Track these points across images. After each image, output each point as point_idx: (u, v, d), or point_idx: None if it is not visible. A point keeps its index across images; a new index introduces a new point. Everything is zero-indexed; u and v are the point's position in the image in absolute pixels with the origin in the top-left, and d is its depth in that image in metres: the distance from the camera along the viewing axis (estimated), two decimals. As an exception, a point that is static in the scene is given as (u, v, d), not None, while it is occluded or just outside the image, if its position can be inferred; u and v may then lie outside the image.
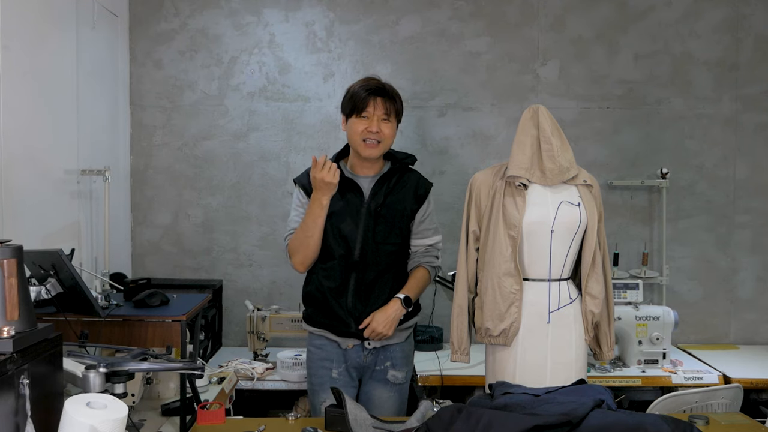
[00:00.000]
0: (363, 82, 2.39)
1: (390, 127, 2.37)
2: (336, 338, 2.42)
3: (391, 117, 2.37)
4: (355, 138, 2.36)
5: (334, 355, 2.43)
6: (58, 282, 2.14)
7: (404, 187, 2.44)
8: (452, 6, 3.64)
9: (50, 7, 2.78)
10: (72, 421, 1.36)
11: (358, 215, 2.38)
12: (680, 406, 2.50)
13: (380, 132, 2.34)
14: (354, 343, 2.41)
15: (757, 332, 3.73)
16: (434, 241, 2.50)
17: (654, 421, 1.58)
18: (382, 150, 2.38)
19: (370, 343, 2.40)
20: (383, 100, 2.35)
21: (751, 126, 3.69)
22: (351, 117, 2.37)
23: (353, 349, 2.42)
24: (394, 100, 2.38)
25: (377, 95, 2.34)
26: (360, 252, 2.37)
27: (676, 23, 3.66)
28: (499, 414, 1.60)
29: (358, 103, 2.34)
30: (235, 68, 3.65)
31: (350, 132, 2.38)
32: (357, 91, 2.36)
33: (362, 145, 2.35)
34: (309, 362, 2.50)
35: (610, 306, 2.50)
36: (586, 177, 2.43)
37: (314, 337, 2.48)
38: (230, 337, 3.66)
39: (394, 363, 2.45)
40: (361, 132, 2.34)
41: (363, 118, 2.34)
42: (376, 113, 2.34)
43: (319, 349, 2.46)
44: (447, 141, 3.67)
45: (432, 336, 3.50)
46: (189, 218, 3.68)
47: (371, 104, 2.33)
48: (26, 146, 2.57)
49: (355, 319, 2.38)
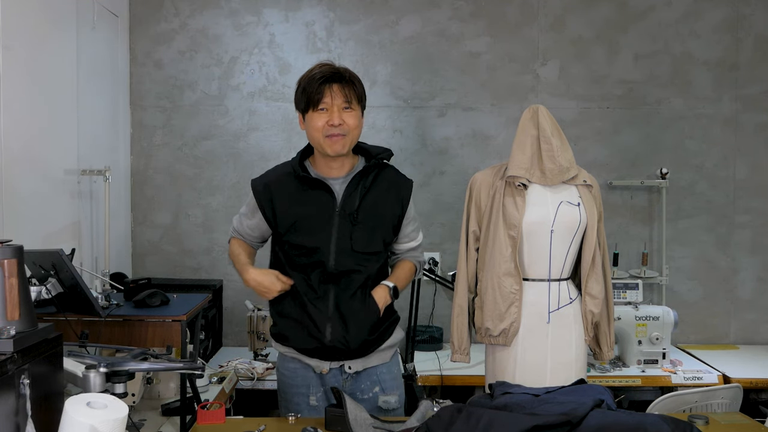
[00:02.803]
0: (315, 68, 2.05)
1: (354, 116, 2.04)
2: (309, 361, 2.10)
3: (353, 104, 2.03)
4: (317, 135, 2.03)
5: (310, 380, 2.11)
6: (58, 282, 2.14)
7: (383, 186, 2.12)
8: (452, 6, 3.64)
9: (50, 7, 2.78)
10: (72, 421, 1.36)
11: (330, 221, 2.05)
12: (680, 406, 2.50)
13: (343, 123, 2.01)
14: (330, 366, 2.09)
15: (757, 332, 3.73)
16: (419, 242, 2.26)
17: (654, 421, 1.58)
18: (349, 143, 2.05)
19: (350, 367, 2.09)
20: (340, 86, 2.02)
21: (751, 126, 3.69)
22: (307, 112, 2.04)
23: (330, 374, 2.09)
24: (353, 84, 2.04)
25: (332, 82, 2.01)
26: (335, 263, 2.04)
27: (676, 23, 3.66)
28: (499, 414, 1.60)
29: (312, 95, 2.01)
30: (235, 68, 3.65)
31: (310, 129, 2.05)
32: (308, 81, 2.02)
33: (326, 141, 2.02)
34: (282, 387, 2.18)
35: (609, 306, 2.50)
36: (585, 177, 2.43)
37: (286, 359, 2.16)
38: (230, 337, 3.66)
39: (384, 387, 2.14)
40: (322, 127, 2.01)
41: (321, 111, 2.02)
42: (335, 103, 2.01)
43: (293, 374, 2.14)
44: (447, 141, 3.67)
45: (432, 336, 3.51)
46: (189, 218, 3.68)
47: (327, 94, 2.00)
48: (26, 146, 2.57)
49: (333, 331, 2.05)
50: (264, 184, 2.15)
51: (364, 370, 2.12)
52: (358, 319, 2.06)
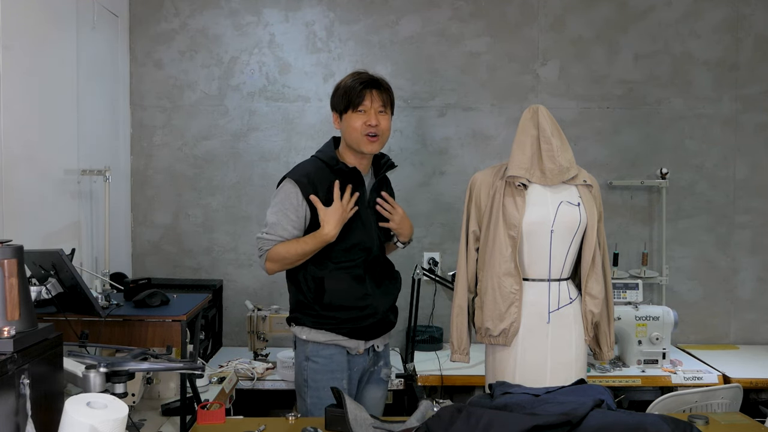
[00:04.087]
0: (354, 75, 2.31)
1: (387, 119, 2.31)
2: (349, 343, 2.30)
3: (387, 109, 2.31)
4: (354, 134, 2.27)
5: (344, 364, 2.31)
6: (58, 282, 2.14)
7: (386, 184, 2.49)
8: (452, 6, 3.64)
9: (50, 7, 2.78)
10: (72, 421, 1.36)
11: (366, 212, 2.33)
12: (680, 406, 2.50)
13: (379, 125, 2.26)
14: (365, 346, 2.34)
15: (757, 332, 3.73)
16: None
17: (654, 421, 1.58)
18: (382, 144, 2.32)
19: (378, 346, 2.39)
20: (378, 92, 2.28)
21: (751, 126, 3.69)
22: (346, 113, 2.28)
23: (360, 355, 2.34)
24: (388, 91, 2.33)
25: (372, 88, 2.28)
26: (378, 245, 2.35)
27: (676, 23, 3.66)
28: (499, 414, 1.60)
29: (353, 97, 2.25)
30: (235, 68, 3.65)
31: (347, 128, 2.28)
32: (351, 85, 2.27)
33: (364, 140, 2.26)
34: (314, 376, 2.29)
35: (609, 306, 2.50)
36: (585, 177, 2.43)
37: (320, 347, 2.29)
38: (230, 337, 3.66)
39: (386, 361, 2.46)
40: (361, 127, 2.25)
41: (360, 112, 2.26)
42: (373, 106, 2.26)
43: (328, 360, 2.29)
44: (447, 141, 3.67)
45: (432, 336, 3.51)
46: (189, 218, 3.68)
47: (368, 97, 2.26)
48: (26, 146, 2.57)
49: (379, 306, 2.33)
50: (306, 176, 2.29)
51: (383, 349, 2.42)
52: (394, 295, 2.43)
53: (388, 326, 2.39)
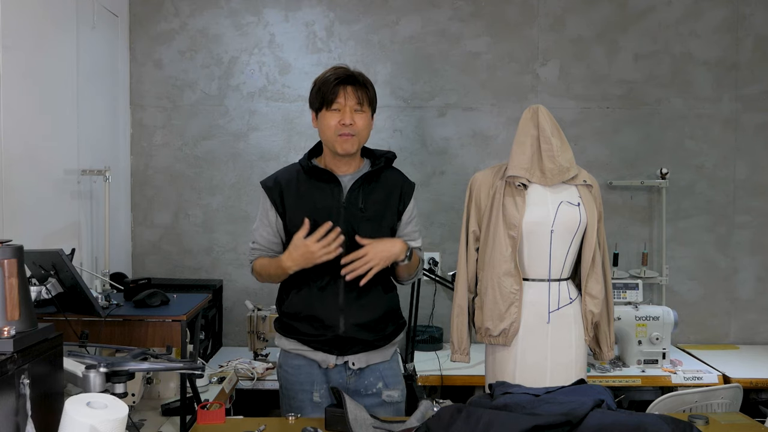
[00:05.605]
0: (330, 71, 2.15)
1: (364, 117, 2.13)
2: (315, 356, 2.14)
3: (364, 107, 2.13)
4: (329, 133, 2.12)
5: (314, 376, 2.15)
6: (58, 282, 2.14)
7: (387, 184, 2.20)
8: (452, 6, 3.64)
9: (50, 8, 2.78)
10: (72, 421, 1.36)
11: (338, 213, 2.12)
12: (680, 406, 2.50)
13: (354, 124, 2.10)
14: (336, 361, 2.14)
15: (757, 332, 3.73)
16: (419, 245, 2.28)
17: (654, 421, 1.58)
18: (358, 144, 2.14)
19: (354, 363, 2.14)
20: (354, 88, 2.11)
21: (751, 126, 3.69)
22: (321, 111, 2.14)
23: (335, 370, 2.14)
24: (366, 87, 2.14)
25: (347, 84, 2.11)
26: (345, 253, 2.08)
27: (676, 23, 3.66)
28: (499, 414, 1.59)
29: (327, 94, 2.10)
30: (235, 68, 3.65)
31: (322, 127, 2.14)
32: (324, 81, 2.12)
33: (338, 140, 2.11)
34: (285, 384, 2.20)
35: (609, 306, 2.50)
36: (585, 177, 2.43)
37: (290, 356, 2.18)
38: (230, 337, 3.66)
39: (387, 383, 2.19)
40: (335, 126, 2.10)
41: (334, 110, 2.11)
42: (347, 104, 2.10)
43: (296, 370, 2.16)
44: (447, 141, 3.67)
45: (432, 336, 3.51)
46: (189, 218, 3.68)
47: (341, 94, 2.10)
48: (26, 146, 2.57)
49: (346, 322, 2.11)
50: (273, 179, 2.22)
51: (367, 366, 2.16)
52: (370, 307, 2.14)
53: (359, 344, 2.14)
